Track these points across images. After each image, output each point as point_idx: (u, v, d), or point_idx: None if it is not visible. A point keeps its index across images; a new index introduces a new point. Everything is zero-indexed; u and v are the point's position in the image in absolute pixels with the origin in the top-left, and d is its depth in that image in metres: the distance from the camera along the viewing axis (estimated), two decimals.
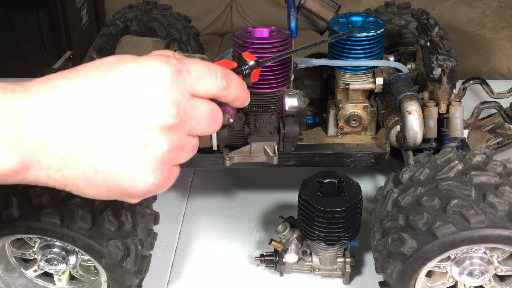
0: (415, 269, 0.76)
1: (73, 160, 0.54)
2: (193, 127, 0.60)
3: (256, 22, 2.83)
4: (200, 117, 0.60)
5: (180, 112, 0.57)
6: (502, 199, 0.72)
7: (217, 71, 0.61)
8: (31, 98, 0.53)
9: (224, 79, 0.61)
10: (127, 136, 0.55)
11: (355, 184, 0.88)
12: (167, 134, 0.56)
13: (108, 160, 0.55)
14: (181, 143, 0.58)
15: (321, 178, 0.89)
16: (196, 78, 0.59)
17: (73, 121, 0.54)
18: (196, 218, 1.09)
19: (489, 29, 2.46)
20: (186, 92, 0.58)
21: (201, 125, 0.60)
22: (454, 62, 0.93)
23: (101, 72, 0.55)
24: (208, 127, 0.61)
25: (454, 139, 0.99)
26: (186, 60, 0.59)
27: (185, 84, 0.58)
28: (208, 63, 0.61)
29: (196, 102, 0.59)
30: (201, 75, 0.59)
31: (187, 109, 0.58)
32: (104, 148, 0.55)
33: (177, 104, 0.57)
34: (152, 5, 1.36)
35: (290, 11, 0.90)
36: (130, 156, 0.55)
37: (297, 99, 0.94)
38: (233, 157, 0.97)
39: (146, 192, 0.58)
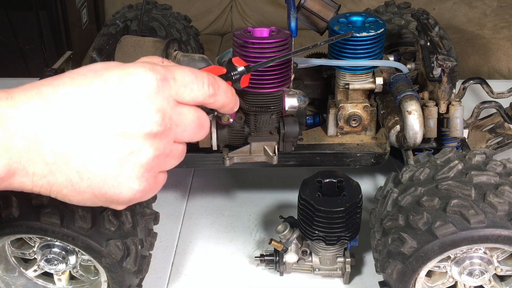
0: (415, 269, 0.76)
1: (58, 167, 0.55)
2: (179, 134, 0.60)
3: (256, 22, 2.83)
4: (186, 124, 0.60)
5: (165, 119, 0.57)
6: (502, 199, 0.72)
7: (204, 78, 0.61)
8: (17, 105, 0.53)
9: (211, 86, 0.61)
10: (112, 143, 0.55)
11: (355, 184, 0.88)
12: (152, 141, 0.57)
13: (93, 167, 0.55)
14: (166, 150, 0.58)
15: (321, 178, 0.89)
16: (182, 86, 0.59)
17: (58, 128, 0.54)
18: (196, 218, 1.09)
19: (489, 29, 2.46)
20: (172, 99, 0.58)
21: (187, 132, 0.60)
22: (454, 62, 0.93)
23: (86, 80, 0.55)
24: (195, 134, 0.61)
25: (454, 139, 0.99)
26: (172, 67, 0.60)
27: (171, 91, 0.58)
28: (195, 70, 0.61)
29: (182, 109, 0.59)
30: (188, 82, 0.59)
31: (172, 116, 0.58)
32: (88, 155, 0.55)
33: (162, 112, 0.57)
34: (152, 5, 1.36)
35: (290, 11, 0.90)
36: (115, 163, 0.56)
37: (297, 99, 0.94)
38: (233, 157, 0.97)
39: (131, 199, 0.58)
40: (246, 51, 0.88)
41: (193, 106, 0.61)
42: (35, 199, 0.76)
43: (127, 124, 0.55)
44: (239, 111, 0.95)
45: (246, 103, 0.93)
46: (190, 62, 0.90)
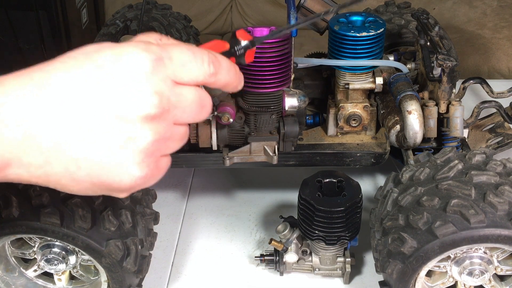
0: (415, 268, 0.76)
1: (54, 156, 0.52)
2: (179, 116, 0.56)
3: (256, 22, 2.83)
4: (186, 105, 0.57)
5: (163, 101, 0.54)
6: (502, 199, 0.72)
7: (204, 56, 0.57)
8: (8, 93, 0.51)
9: (211, 64, 0.58)
10: (108, 128, 0.52)
11: (355, 183, 0.88)
12: (151, 125, 0.54)
13: (90, 155, 0.53)
14: (167, 133, 0.56)
15: (321, 177, 0.89)
16: (179, 65, 0.56)
17: (51, 115, 0.51)
18: (196, 217, 1.09)
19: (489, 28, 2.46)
20: (169, 80, 0.55)
21: (187, 113, 0.57)
22: (454, 62, 0.93)
23: (77, 62, 0.53)
24: (196, 114, 0.58)
25: (454, 138, 0.99)
26: (169, 46, 0.56)
27: (167, 71, 0.55)
28: (194, 47, 0.58)
29: (181, 89, 0.56)
30: (185, 61, 0.56)
31: (170, 98, 0.55)
32: (85, 142, 0.52)
33: (159, 93, 0.54)
34: (152, 5, 1.36)
35: (290, 10, 0.90)
36: (112, 149, 0.53)
37: (297, 99, 0.94)
38: (233, 156, 0.97)
39: (133, 186, 0.55)
40: None
41: (193, 85, 0.57)
42: (35, 199, 0.76)
43: (123, 108, 0.52)
44: (239, 110, 0.95)
45: (246, 103, 0.93)
46: None
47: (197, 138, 0.97)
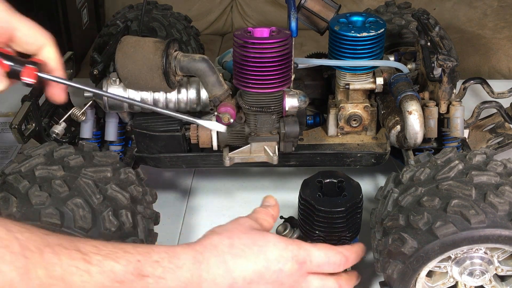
0: (416, 269, 0.76)
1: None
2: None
3: (256, 22, 2.83)
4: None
5: (296, 287, 0.75)
6: (502, 199, 0.72)
7: (336, 260, 0.76)
8: (210, 271, 0.69)
9: (342, 266, 0.77)
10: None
11: (356, 184, 0.88)
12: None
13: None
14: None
15: (321, 178, 0.88)
16: (316, 266, 0.75)
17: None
18: (197, 218, 1.09)
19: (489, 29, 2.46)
20: (305, 272, 0.75)
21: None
22: (455, 62, 0.93)
23: (253, 253, 0.72)
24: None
25: (454, 139, 0.99)
26: (309, 250, 0.75)
27: (306, 269, 0.75)
28: (330, 251, 0.76)
29: (311, 278, 0.75)
30: (321, 264, 0.75)
31: (302, 285, 0.75)
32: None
33: (295, 283, 0.74)
34: (153, 5, 1.36)
35: (290, 11, 0.90)
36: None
37: (297, 99, 0.94)
38: (234, 157, 0.97)
39: None
40: (246, 51, 0.88)
41: (320, 275, 0.76)
42: (36, 199, 0.76)
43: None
44: (239, 111, 0.95)
45: (246, 104, 0.93)
46: (190, 62, 0.90)
47: (197, 138, 0.97)
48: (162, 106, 0.95)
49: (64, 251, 0.58)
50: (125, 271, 0.62)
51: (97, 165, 0.85)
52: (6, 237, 0.55)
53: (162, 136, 0.99)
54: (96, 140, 1.03)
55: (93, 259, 0.60)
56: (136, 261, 0.63)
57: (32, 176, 0.80)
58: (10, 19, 0.69)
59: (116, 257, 0.62)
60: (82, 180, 0.80)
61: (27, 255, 0.55)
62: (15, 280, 0.54)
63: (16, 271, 0.54)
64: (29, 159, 0.83)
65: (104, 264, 0.60)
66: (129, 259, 0.63)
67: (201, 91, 0.97)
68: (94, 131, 1.02)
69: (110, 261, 0.61)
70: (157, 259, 0.65)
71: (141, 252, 0.65)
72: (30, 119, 0.95)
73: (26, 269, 0.55)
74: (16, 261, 0.54)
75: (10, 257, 0.54)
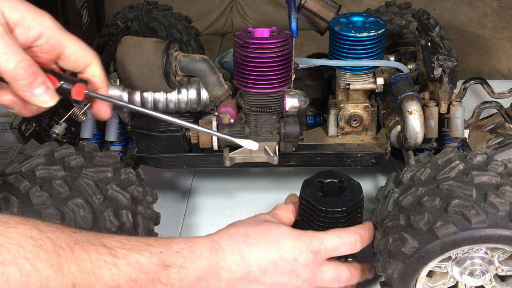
0: (416, 269, 0.76)
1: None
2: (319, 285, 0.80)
3: (256, 22, 2.83)
4: (326, 280, 0.79)
5: (312, 279, 0.78)
6: (503, 199, 0.72)
7: (351, 239, 0.79)
8: (226, 259, 0.73)
9: (358, 245, 0.80)
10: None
11: (356, 184, 0.88)
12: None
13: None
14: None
15: (322, 178, 0.89)
16: (331, 251, 0.78)
17: (243, 278, 0.74)
18: (197, 218, 1.09)
19: (489, 29, 2.46)
20: (321, 261, 0.78)
21: (326, 284, 0.80)
22: (455, 62, 0.93)
23: (267, 244, 0.76)
24: (332, 286, 0.80)
25: (455, 139, 0.99)
26: (322, 238, 0.78)
27: (321, 258, 0.78)
28: (344, 234, 0.79)
29: (326, 267, 0.79)
30: (336, 247, 0.78)
31: (317, 275, 0.78)
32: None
33: (312, 273, 0.78)
34: (153, 6, 1.36)
35: (290, 11, 0.90)
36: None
37: (297, 99, 0.94)
38: (234, 157, 0.97)
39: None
40: (246, 52, 0.88)
41: (335, 263, 0.80)
42: (36, 199, 0.76)
43: (285, 281, 0.77)
44: (240, 111, 0.95)
45: (247, 104, 0.93)
46: (190, 63, 0.90)
47: (197, 138, 0.97)
48: (189, 122, 0.94)
49: (92, 247, 0.63)
50: (150, 262, 0.67)
51: (97, 165, 0.85)
52: (39, 237, 0.59)
53: (162, 136, 0.99)
54: (96, 140, 1.03)
55: (119, 253, 0.65)
56: (158, 252, 0.68)
57: (33, 176, 0.80)
58: (61, 37, 0.70)
59: (139, 250, 0.67)
60: (82, 180, 0.80)
61: (59, 252, 0.59)
62: (51, 277, 0.58)
63: (51, 268, 0.58)
64: (29, 159, 0.83)
65: (129, 257, 0.65)
66: (152, 251, 0.67)
67: (202, 91, 0.97)
68: (95, 131, 1.02)
69: (135, 254, 0.66)
70: (177, 250, 0.70)
71: (162, 244, 0.69)
72: (30, 119, 0.95)
73: (59, 266, 0.59)
74: (51, 259, 0.58)
75: (44, 255, 0.58)
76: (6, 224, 0.58)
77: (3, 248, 0.55)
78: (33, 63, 0.65)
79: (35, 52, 0.69)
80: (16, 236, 0.57)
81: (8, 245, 0.56)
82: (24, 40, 0.66)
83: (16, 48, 0.64)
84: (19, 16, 0.65)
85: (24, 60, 0.64)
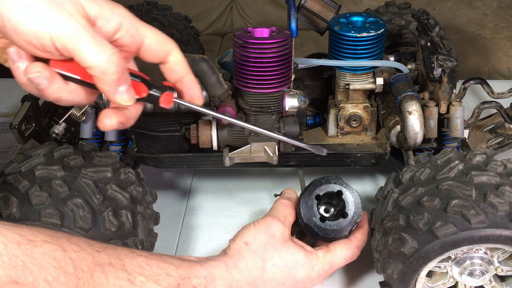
0: (416, 269, 0.76)
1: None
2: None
3: (256, 22, 2.83)
4: (337, 264, 0.83)
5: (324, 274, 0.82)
6: (502, 199, 0.72)
7: (354, 255, 0.83)
8: (240, 277, 0.76)
9: (356, 256, 0.84)
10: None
11: (355, 195, 0.83)
12: None
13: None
14: None
15: (318, 192, 0.84)
16: (338, 266, 0.83)
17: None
18: (197, 218, 1.09)
19: (489, 29, 2.46)
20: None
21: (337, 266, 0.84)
22: (455, 62, 0.92)
23: (284, 276, 0.80)
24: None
25: (454, 139, 0.99)
26: (332, 263, 0.82)
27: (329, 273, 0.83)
28: (348, 254, 0.83)
29: (336, 258, 0.83)
30: (343, 263, 0.83)
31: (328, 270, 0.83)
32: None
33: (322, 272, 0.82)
34: (153, 6, 1.36)
35: (290, 11, 0.90)
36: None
37: (297, 99, 0.94)
38: (234, 157, 0.97)
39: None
40: (246, 52, 0.88)
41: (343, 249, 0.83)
42: (36, 199, 0.76)
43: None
44: (239, 111, 0.95)
45: (246, 103, 0.93)
46: (190, 63, 0.90)
47: (197, 138, 0.97)
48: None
49: (111, 271, 0.63)
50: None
51: (97, 165, 0.85)
52: (62, 258, 0.59)
53: (162, 136, 0.99)
54: (96, 140, 1.03)
55: (137, 280, 0.65)
56: (176, 285, 0.69)
57: (32, 176, 0.80)
58: (139, 27, 0.65)
59: (158, 279, 0.67)
60: (82, 180, 0.80)
61: (79, 275, 0.59)
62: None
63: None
64: (29, 159, 0.83)
65: (146, 285, 0.66)
66: (170, 283, 0.68)
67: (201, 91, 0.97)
68: (94, 131, 1.02)
69: (153, 283, 0.66)
70: (195, 284, 0.71)
71: (182, 276, 0.70)
72: (30, 119, 0.95)
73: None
74: (69, 282, 0.58)
75: (64, 278, 0.58)
76: (32, 242, 0.57)
77: (26, 269, 0.55)
78: (122, 57, 0.61)
79: (116, 47, 0.62)
80: (39, 256, 0.57)
81: (31, 265, 0.56)
82: (105, 33, 0.62)
83: (103, 41, 0.60)
84: (98, 9, 0.61)
85: (114, 53, 0.60)
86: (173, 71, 0.69)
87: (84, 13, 0.60)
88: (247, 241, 0.80)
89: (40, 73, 0.60)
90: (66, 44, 0.58)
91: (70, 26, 0.58)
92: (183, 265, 0.72)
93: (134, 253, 0.68)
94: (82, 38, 0.58)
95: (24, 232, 0.58)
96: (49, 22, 0.57)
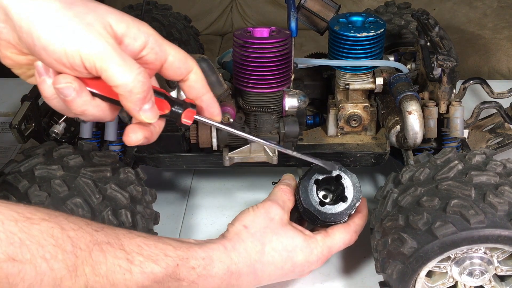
0: (415, 269, 0.76)
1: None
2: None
3: (256, 22, 2.83)
4: (335, 249, 0.84)
5: (322, 258, 0.83)
6: (502, 199, 0.72)
7: (353, 236, 0.85)
8: (239, 279, 0.77)
9: (354, 240, 0.85)
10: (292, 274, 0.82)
11: (354, 179, 0.85)
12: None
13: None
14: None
15: (317, 176, 0.85)
16: (337, 249, 0.84)
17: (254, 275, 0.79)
18: (196, 218, 1.09)
19: (489, 29, 2.46)
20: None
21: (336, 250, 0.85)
22: (454, 62, 0.92)
23: (282, 259, 0.80)
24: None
25: (454, 139, 0.99)
26: (331, 247, 0.83)
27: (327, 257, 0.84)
28: (346, 237, 0.84)
29: (335, 243, 0.84)
30: (342, 247, 0.84)
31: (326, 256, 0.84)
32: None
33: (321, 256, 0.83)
34: (152, 5, 1.36)
35: (290, 11, 0.90)
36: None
37: (297, 99, 0.94)
38: (234, 157, 0.97)
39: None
40: (246, 51, 0.88)
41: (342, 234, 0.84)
42: (35, 199, 0.76)
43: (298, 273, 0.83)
44: (239, 111, 0.95)
45: (246, 103, 0.93)
46: None
47: (197, 138, 0.97)
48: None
49: (110, 250, 0.63)
50: (164, 274, 0.68)
51: (96, 164, 0.85)
52: (60, 236, 0.59)
53: (161, 136, 0.98)
54: (95, 140, 1.03)
55: (135, 259, 0.65)
56: (175, 265, 0.69)
57: (32, 175, 0.80)
58: (163, 44, 0.67)
59: (156, 259, 0.67)
60: (81, 180, 0.80)
61: (77, 253, 0.60)
62: (65, 277, 0.58)
63: (66, 269, 0.58)
64: (28, 159, 0.83)
65: (145, 265, 0.66)
66: (168, 263, 0.68)
67: None
68: (94, 130, 1.02)
69: (151, 263, 0.67)
70: (194, 266, 0.71)
71: (181, 257, 0.70)
72: (29, 119, 0.95)
73: (75, 267, 0.59)
74: (67, 260, 0.58)
75: (62, 256, 0.58)
76: (29, 220, 0.57)
77: (24, 247, 0.55)
78: (148, 76, 0.62)
79: (141, 64, 0.64)
80: (37, 233, 0.57)
81: (29, 243, 0.56)
82: (131, 51, 0.63)
83: (131, 60, 0.61)
84: (125, 27, 0.62)
85: (141, 72, 0.61)
86: (194, 88, 0.71)
87: (113, 32, 0.61)
88: (246, 225, 0.80)
89: (69, 84, 0.60)
90: (95, 63, 0.59)
91: (100, 46, 0.59)
92: (181, 246, 0.72)
93: (133, 234, 0.69)
94: (110, 58, 0.59)
95: (21, 210, 0.58)
96: (79, 41, 0.58)
